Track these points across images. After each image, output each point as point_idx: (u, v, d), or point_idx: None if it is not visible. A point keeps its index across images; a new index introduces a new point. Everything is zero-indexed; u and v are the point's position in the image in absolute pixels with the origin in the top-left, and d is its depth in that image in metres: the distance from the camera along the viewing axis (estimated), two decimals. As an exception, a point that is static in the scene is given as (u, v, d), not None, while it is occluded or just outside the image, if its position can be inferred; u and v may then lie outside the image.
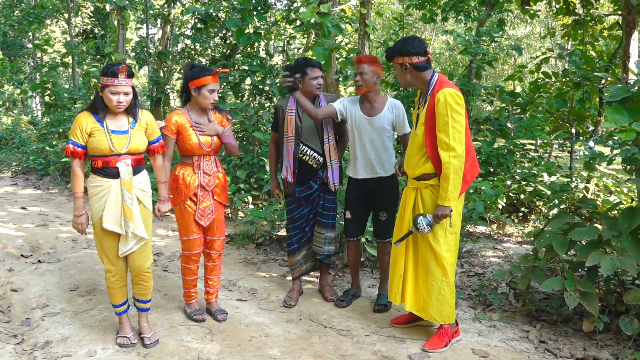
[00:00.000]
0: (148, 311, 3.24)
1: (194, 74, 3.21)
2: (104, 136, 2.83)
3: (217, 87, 3.26)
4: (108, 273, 3.03)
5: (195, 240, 3.37)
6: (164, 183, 3.20)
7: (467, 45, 6.99)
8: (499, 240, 5.65)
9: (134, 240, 2.95)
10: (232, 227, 6.16)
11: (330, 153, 3.68)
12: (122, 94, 2.82)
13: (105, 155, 2.86)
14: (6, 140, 14.93)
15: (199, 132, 3.26)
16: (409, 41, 2.92)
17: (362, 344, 3.17)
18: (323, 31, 4.41)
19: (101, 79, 2.83)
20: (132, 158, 2.93)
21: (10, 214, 6.70)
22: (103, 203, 2.88)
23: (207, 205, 3.34)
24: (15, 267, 4.58)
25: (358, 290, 3.93)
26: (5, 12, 16.61)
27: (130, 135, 2.90)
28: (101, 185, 2.89)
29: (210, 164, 3.35)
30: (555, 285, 3.08)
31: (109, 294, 3.11)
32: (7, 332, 3.30)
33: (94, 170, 2.92)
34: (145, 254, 3.05)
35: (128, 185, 2.89)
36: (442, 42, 20.70)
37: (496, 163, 6.96)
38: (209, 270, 3.56)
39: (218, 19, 9.34)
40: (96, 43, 11.71)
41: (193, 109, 3.31)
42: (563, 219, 3.33)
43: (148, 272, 3.10)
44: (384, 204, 3.61)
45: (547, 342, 3.13)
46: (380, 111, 3.49)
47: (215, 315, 3.51)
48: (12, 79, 15.28)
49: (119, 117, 2.92)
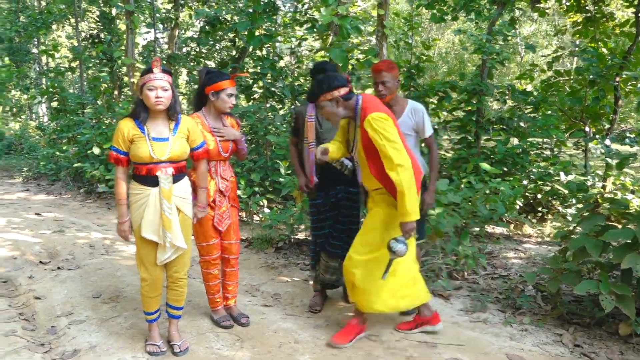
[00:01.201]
0: (179, 319, 3.21)
1: (212, 79, 3.20)
2: (144, 143, 2.81)
3: (235, 91, 3.27)
4: (144, 282, 3.01)
5: (214, 245, 3.36)
6: (205, 189, 3.17)
7: (480, 44, 6.95)
8: (518, 241, 5.61)
9: (172, 250, 2.92)
10: (249, 230, 6.14)
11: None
12: (159, 88, 2.77)
13: (146, 163, 2.83)
14: (15, 146, 14.97)
15: (218, 138, 3.25)
16: (331, 77, 3.05)
17: (393, 350, 3.13)
18: (342, 33, 4.38)
19: (140, 80, 2.82)
20: (174, 166, 2.89)
21: (25, 220, 6.70)
22: (142, 211, 2.86)
23: (224, 210, 3.34)
24: (35, 275, 4.57)
25: None
26: (10, 18, 16.67)
27: (171, 142, 2.87)
28: (140, 193, 2.87)
29: (226, 169, 3.34)
30: (590, 288, 3.03)
31: (143, 301, 3.09)
32: (34, 341, 3.28)
33: (135, 178, 2.90)
34: (183, 262, 3.04)
35: (167, 195, 2.85)
36: (448, 41, 20.66)
37: (511, 162, 6.92)
38: (228, 276, 3.54)
39: (226, 22, 9.33)
40: (104, 48, 11.72)
41: (209, 113, 3.30)
42: (594, 220, 3.29)
43: (184, 279, 3.09)
44: None
45: (582, 346, 3.08)
46: (399, 116, 3.41)
47: (239, 319, 3.49)
48: (18, 84, 15.34)
49: (160, 123, 2.89)
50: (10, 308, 3.81)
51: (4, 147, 15.16)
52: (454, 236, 4.68)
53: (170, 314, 3.17)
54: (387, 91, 3.37)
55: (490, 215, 5.04)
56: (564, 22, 16.11)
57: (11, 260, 4.98)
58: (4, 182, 10.71)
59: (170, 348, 3.11)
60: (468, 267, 4.37)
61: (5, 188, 9.80)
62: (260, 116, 7.63)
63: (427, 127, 3.46)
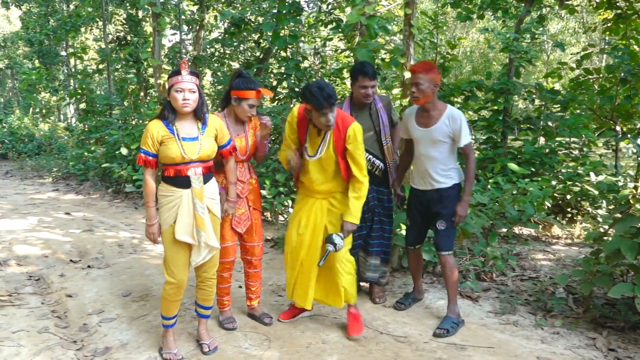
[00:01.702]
0: (208, 318, 3.23)
1: (240, 84, 3.18)
2: (175, 143, 2.82)
3: (258, 103, 3.24)
4: (168, 285, 2.96)
5: (230, 247, 3.33)
6: (234, 184, 3.19)
7: (508, 43, 6.85)
8: (547, 243, 5.51)
9: (207, 250, 2.93)
10: (274, 231, 6.16)
11: (389, 154, 3.68)
12: (187, 90, 2.78)
13: (177, 164, 2.84)
14: (45, 147, 15.30)
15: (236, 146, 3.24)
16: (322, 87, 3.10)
17: (422, 351, 3.11)
18: (370, 33, 4.35)
19: (168, 82, 2.84)
20: (203, 165, 2.90)
21: (55, 220, 6.84)
22: (174, 213, 2.85)
23: (242, 212, 3.34)
24: (66, 273, 4.66)
25: (419, 294, 3.86)
26: (40, 22, 17.07)
27: (200, 141, 2.88)
28: (172, 195, 2.86)
29: (244, 171, 3.33)
30: (625, 291, 2.96)
31: (163, 305, 3.03)
32: (66, 338, 3.34)
33: (165, 179, 2.90)
34: (212, 262, 3.05)
35: (199, 194, 2.87)
36: (473, 40, 20.42)
37: (539, 163, 6.81)
38: (251, 277, 3.54)
39: (251, 23, 9.39)
40: (131, 50, 11.90)
41: (230, 115, 3.30)
42: (629, 222, 3.21)
43: (213, 278, 3.10)
44: (443, 213, 3.41)
45: (617, 350, 3.02)
46: (436, 122, 3.33)
47: (262, 319, 3.50)
48: (48, 86, 15.68)
49: (188, 123, 2.89)
50: (43, 305, 3.90)
51: (34, 148, 15.51)
52: (481, 237, 4.63)
53: (200, 314, 3.19)
54: (421, 94, 3.26)
55: (519, 216, 4.97)
56: (593, 20, 15.78)
57: (43, 258, 5.09)
58: (34, 182, 10.96)
59: (200, 347, 3.13)
60: (497, 268, 4.31)
61: (35, 188, 10.02)
62: (285, 117, 7.65)
63: (463, 136, 3.30)
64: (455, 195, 3.42)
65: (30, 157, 14.74)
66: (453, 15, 10.46)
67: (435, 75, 3.26)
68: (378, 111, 3.66)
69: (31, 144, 15.73)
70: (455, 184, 3.40)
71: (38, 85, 15.01)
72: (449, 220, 3.40)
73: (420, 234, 3.65)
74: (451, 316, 3.41)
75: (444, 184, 3.38)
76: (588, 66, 8.71)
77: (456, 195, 3.42)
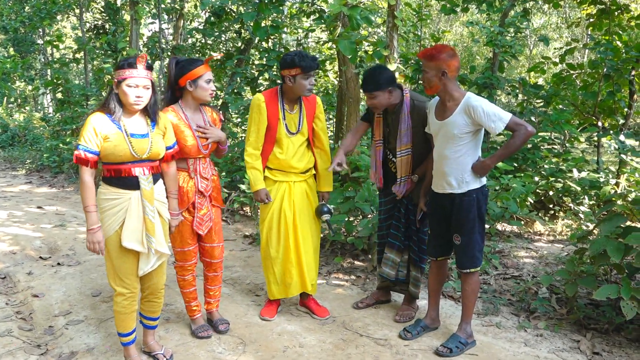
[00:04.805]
0: (156, 328, 3.00)
1: (185, 67, 2.93)
2: (122, 140, 2.51)
3: (212, 75, 3.01)
4: (120, 297, 2.66)
5: (191, 251, 3.13)
6: (175, 195, 2.88)
7: (492, 36, 6.76)
8: (529, 240, 5.45)
9: (155, 257, 2.66)
10: (253, 226, 6.02)
11: (402, 168, 3.30)
12: (141, 87, 2.50)
13: (123, 163, 2.53)
14: (19, 138, 14.90)
15: (198, 136, 3.00)
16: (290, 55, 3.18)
17: (402, 355, 3.00)
18: (352, 24, 4.20)
19: (116, 74, 2.51)
20: (150, 165, 2.62)
21: (27, 214, 6.60)
22: (120, 218, 2.55)
23: (205, 212, 3.09)
24: (34, 271, 4.46)
25: (433, 322, 3.29)
26: (16, 8, 16.54)
27: (151, 138, 2.60)
28: (118, 198, 2.55)
29: (207, 167, 3.09)
30: (610, 293, 2.88)
31: (118, 321, 2.73)
32: (30, 342, 3.17)
33: (108, 181, 2.57)
34: (162, 271, 2.80)
35: (149, 196, 2.59)
36: (457, 34, 20.39)
37: (522, 158, 6.75)
38: (210, 280, 3.31)
39: (232, 13, 9.16)
40: (108, 39, 11.57)
41: (187, 106, 3.03)
42: (615, 221, 3.13)
43: (163, 289, 2.86)
44: (457, 225, 2.96)
45: (601, 353, 2.94)
46: (450, 114, 2.87)
47: (217, 326, 3.28)
48: (23, 75, 15.25)
49: (137, 117, 2.61)
50: (7, 306, 3.71)
51: (7, 139, 15.07)
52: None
53: (147, 325, 2.93)
54: (427, 83, 2.87)
55: (502, 212, 4.89)
56: (576, 15, 15.83)
57: (10, 255, 4.88)
58: (6, 174, 10.63)
59: (153, 359, 2.90)
60: (479, 267, 4.21)
61: (7, 180, 9.72)
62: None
63: (493, 122, 2.78)
64: (469, 205, 2.91)
65: (4, 148, 14.33)
66: (437, 8, 10.34)
67: (440, 62, 2.79)
68: (399, 117, 3.25)
69: (5, 134, 15.30)
70: (470, 190, 2.90)
71: (13, 74, 14.55)
72: (465, 234, 2.95)
73: (440, 244, 3.15)
74: (460, 335, 3.05)
75: (458, 190, 2.91)
76: (571, 61, 8.69)
77: (470, 205, 2.91)
